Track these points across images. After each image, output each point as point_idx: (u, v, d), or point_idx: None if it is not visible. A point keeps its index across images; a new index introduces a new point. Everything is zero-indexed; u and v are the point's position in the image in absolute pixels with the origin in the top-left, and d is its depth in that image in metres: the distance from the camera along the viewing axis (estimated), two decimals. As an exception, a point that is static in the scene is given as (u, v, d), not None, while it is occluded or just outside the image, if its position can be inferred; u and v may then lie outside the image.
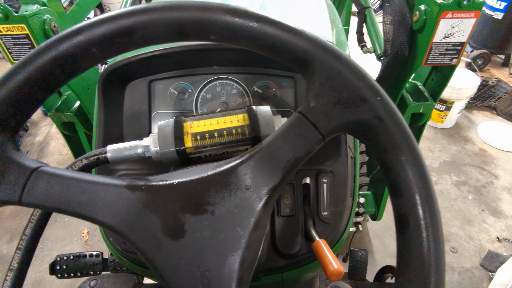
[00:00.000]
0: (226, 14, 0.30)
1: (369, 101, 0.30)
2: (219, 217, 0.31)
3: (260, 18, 0.31)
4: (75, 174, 0.31)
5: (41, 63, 0.29)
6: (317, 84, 0.31)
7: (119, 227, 0.30)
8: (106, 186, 0.31)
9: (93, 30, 0.30)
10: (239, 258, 0.30)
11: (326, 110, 0.31)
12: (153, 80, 0.57)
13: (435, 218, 0.27)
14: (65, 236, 1.90)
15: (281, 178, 0.32)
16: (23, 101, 0.30)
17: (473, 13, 0.78)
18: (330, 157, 0.52)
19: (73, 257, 0.84)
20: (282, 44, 0.31)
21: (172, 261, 0.30)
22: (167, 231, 0.30)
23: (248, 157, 0.32)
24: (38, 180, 0.30)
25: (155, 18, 0.30)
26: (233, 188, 0.32)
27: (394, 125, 0.30)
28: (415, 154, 0.29)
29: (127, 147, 0.43)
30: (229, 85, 0.58)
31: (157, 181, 0.32)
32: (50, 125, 2.73)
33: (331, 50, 0.31)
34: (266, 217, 0.33)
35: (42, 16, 0.82)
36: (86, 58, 0.31)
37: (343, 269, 0.40)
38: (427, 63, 0.88)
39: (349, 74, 0.30)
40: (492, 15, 2.85)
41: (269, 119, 0.45)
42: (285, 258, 0.49)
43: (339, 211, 0.50)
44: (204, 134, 0.44)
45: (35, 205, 0.29)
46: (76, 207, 0.30)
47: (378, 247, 1.80)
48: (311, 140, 0.31)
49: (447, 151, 2.44)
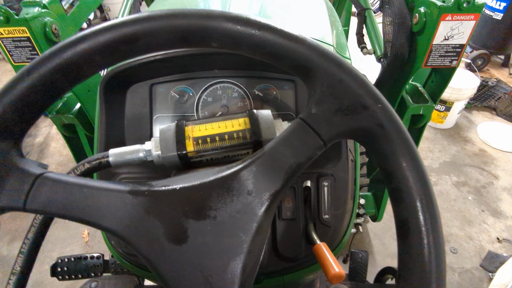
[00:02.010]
0: (228, 22, 0.30)
1: (370, 108, 0.31)
2: (221, 222, 0.31)
3: (262, 26, 0.31)
4: (78, 180, 0.31)
5: (45, 71, 0.30)
6: (318, 91, 0.31)
7: (122, 232, 0.31)
8: (109, 192, 0.31)
9: (97, 38, 0.30)
10: (242, 263, 0.30)
11: (327, 117, 0.31)
12: (154, 84, 0.57)
13: (435, 225, 0.28)
14: (65, 238, 1.90)
15: (282, 183, 0.32)
16: (27, 108, 0.31)
17: (472, 15, 0.79)
18: (330, 160, 0.52)
19: (74, 259, 0.84)
20: (284, 52, 0.31)
21: (175, 266, 0.30)
22: (170, 237, 0.31)
23: (250, 162, 0.32)
24: (42, 186, 0.30)
25: (158, 26, 0.30)
26: (235, 193, 0.32)
27: (395, 132, 0.30)
28: (415, 161, 0.29)
29: (129, 151, 0.44)
30: (230, 89, 0.58)
31: (160, 186, 0.33)
32: (50, 126, 2.73)
33: (333, 58, 0.31)
34: (268, 222, 0.33)
35: (43, 19, 0.83)
36: (89, 65, 0.31)
37: (344, 273, 0.41)
38: (427, 65, 0.88)
39: (350, 82, 0.31)
40: (491, 16, 2.86)
41: (270, 123, 0.45)
42: (286, 261, 0.49)
43: (340, 214, 0.51)
44: (206, 138, 0.44)
45: (39, 211, 0.30)
46: (79, 213, 0.30)
47: (378, 248, 1.80)
48: (312, 146, 0.32)
49: (447, 151, 2.44)
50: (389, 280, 0.91)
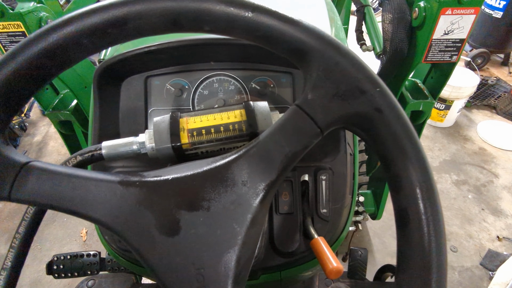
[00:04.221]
0: (220, 4, 0.29)
1: (368, 92, 0.29)
2: (215, 213, 0.30)
3: (256, 8, 0.30)
4: (66, 169, 0.30)
5: (31, 54, 0.29)
6: (314, 76, 0.30)
7: (112, 224, 0.30)
8: (99, 182, 0.30)
9: (84, 21, 0.29)
10: (236, 256, 0.29)
11: (324, 102, 0.30)
12: (149, 76, 0.56)
13: (436, 212, 0.27)
14: (63, 236, 1.89)
15: (278, 173, 0.31)
16: (12, 94, 0.29)
17: (472, 9, 0.78)
18: (329, 154, 0.52)
19: (70, 257, 0.84)
20: (279, 35, 0.30)
21: (167, 259, 0.29)
22: (162, 228, 0.30)
23: (244, 152, 0.31)
24: (28, 175, 0.29)
25: (148, 8, 0.29)
26: (229, 183, 0.31)
27: (394, 117, 0.29)
28: (415, 147, 0.28)
29: (122, 144, 0.43)
30: (227, 82, 0.57)
31: (151, 176, 0.32)
32: (49, 125, 2.72)
33: (329, 40, 0.30)
34: (263, 213, 0.32)
35: (39, 14, 0.82)
36: (77, 49, 0.30)
37: (342, 267, 0.40)
38: (426, 60, 0.87)
39: (347, 65, 0.30)
40: (491, 14, 2.85)
41: (267, 114, 0.44)
42: (284, 256, 0.48)
43: (338, 209, 0.50)
44: (201, 130, 0.43)
45: (25, 201, 0.29)
46: (67, 204, 0.29)
47: (378, 247, 1.79)
48: (308, 134, 0.31)
49: (447, 150, 2.44)
50: (388, 278, 0.90)
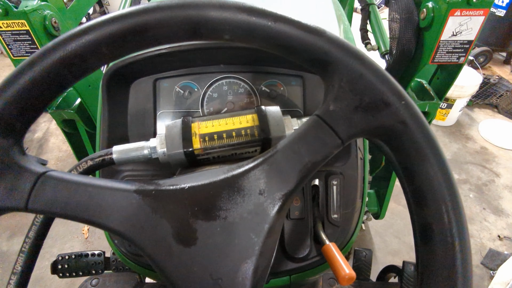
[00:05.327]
0: (242, 13, 0.29)
1: (392, 105, 0.29)
2: (232, 223, 0.30)
3: (279, 18, 0.29)
4: (82, 178, 0.30)
5: (48, 63, 0.28)
6: (336, 87, 0.30)
7: (128, 233, 0.29)
8: (114, 191, 0.30)
9: (103, 29, 0.29)
10: (253, 266, 0.29)
11: (346, 114, 0.30)
12: (158, 79, 0.56)
13: (462, 230, 0.26)
14: (65, 234, 1.89)
15: (296, 183, 0.30)
16: (29, 103, 0.29)
17: (482, 10, 0.77)
18: (340, 158, 0.51)
19: (75, 256, 0.83)
20: (301, 45, 0.30)
21: (184, 269, 0.29)
22: (179, 238, 0.29)
23: (262, 160, 0.31)
24: (44, 185, 0.28)
25: (169, 17, 0.29)
26: (246, 193, 0.30)
27: (419, 130, 0.29)
28: (441, 161, 0.28)
29: (133, 148, 0.42)
30: (236, 84, 0.56)
31: (167, 185, 0.31)
32: (49, 121, 2.71)
33: (354, 52, 0.30)
34: (279, 223, 0.32)
35: (43, 12, 0.81)
36: (95, 58, 0.29)
37: (355, 274, 0.40)
38: (434, 62, 0.86)
39: (372, 77, 0.29)
40: (494, 12, 2.83)
41: (279, 119, 0.44)
42: (294, 261, 0.48)
43: (349, 214, 0.49)
44: (213, 135, 0.42)
45: (42, 211, 0.28)
46: (83, 213, 0.29)
47: (379, 246, 1.80)
48: (329, 145, 0.30)
49: (448, 149, 2.44)
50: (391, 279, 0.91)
